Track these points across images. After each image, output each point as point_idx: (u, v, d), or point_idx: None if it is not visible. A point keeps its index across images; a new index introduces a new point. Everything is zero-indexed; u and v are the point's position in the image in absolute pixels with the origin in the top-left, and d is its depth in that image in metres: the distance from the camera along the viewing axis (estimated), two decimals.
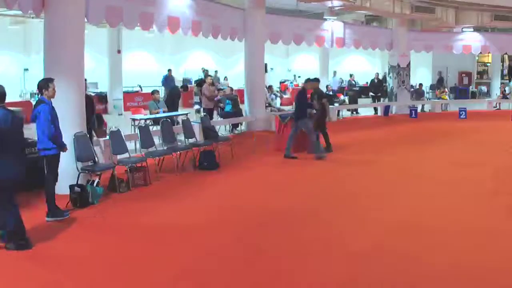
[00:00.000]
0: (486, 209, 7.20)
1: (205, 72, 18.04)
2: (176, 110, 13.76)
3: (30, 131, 7.43)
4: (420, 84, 21.68)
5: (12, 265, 5.24)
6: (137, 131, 9.57)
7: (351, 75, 22.77)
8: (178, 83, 18.26)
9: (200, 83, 18.01)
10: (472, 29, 20.98)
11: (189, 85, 19.32)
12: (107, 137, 8.96)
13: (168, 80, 18.32)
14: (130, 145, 9.77)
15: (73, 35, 7.86)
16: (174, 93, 14.29)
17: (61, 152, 6.71)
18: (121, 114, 17.18)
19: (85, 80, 8.77)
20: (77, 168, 7.53)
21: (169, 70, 19.23)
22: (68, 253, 5.54)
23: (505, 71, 27.53)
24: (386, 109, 19.41)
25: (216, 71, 22.18)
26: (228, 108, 14.41)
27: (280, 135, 11.74)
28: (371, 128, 16.07)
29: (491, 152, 11.45)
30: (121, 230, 6.38)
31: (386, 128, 16.16)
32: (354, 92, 20.90)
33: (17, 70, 17.96)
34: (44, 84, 6.59)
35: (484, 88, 26.68)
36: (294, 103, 11.98)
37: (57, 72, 7.43)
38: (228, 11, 14.12)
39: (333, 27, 17.84)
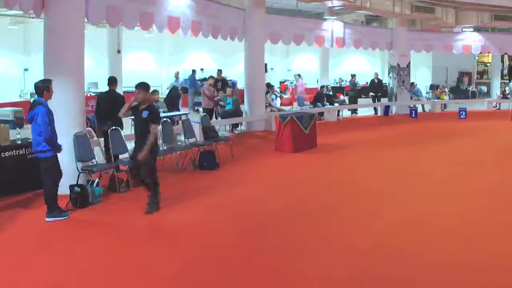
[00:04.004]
0: (486, 207, 7.21)
1: (218, 72, 18.12)
2: (175, 110, 13.74)
3: (29, 131, 7.42)
4: (412, 83, 21.32)
5: (11, 265, 5.25)
6: None
7: (352, 75, 22.71)
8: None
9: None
10: (472, 29, 20.94)
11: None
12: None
13: (194, 81, 18.59)
14: (130, 145, 9.76)
15: (73, 35, 7.86)
16: (174, 93, 14.27)
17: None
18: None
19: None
20: (77, 168, 7.53)
21: (194, 71, 19.42)
22: (68, 253, 5.55)
23: (505, 71, 27.49)
24: (386, 109, 19.40)
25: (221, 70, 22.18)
26: (229, 106, 14.37)
27: (280, 135, 11.74)
28: (371, 128, 16.07)
29: (491, 152, 11.45)
30: (120, 230, 6.38)
31: (386, 128, 16.15)
32: (354, 92, 20.87)
33: (17, 70, 17.96)
34: (47, 86, 6.58)
35: (484, 88, 26.62)
36: None
37: (57, 72, 7.44)
38: (228, 11, 14.11)
39: (333, 27, 17.82)
